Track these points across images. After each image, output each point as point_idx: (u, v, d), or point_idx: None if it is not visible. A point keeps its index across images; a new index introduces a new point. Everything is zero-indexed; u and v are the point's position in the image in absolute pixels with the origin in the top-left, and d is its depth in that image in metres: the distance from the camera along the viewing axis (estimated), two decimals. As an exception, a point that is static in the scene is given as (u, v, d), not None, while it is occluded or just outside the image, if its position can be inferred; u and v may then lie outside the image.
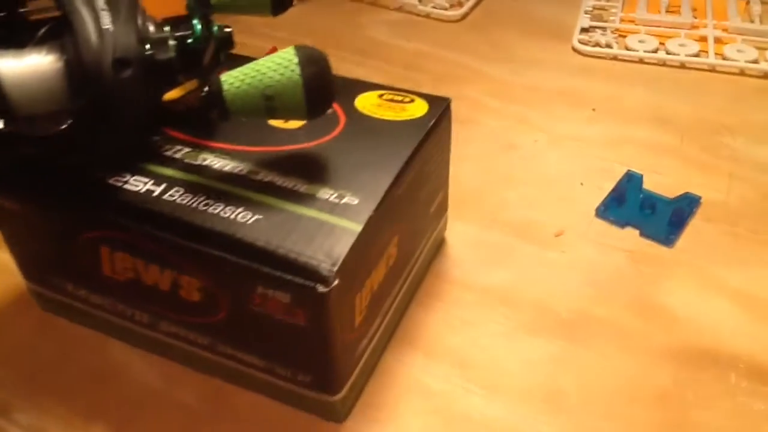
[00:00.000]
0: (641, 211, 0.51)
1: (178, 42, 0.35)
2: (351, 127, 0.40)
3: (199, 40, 0.36)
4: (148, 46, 0.35)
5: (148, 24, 0.36)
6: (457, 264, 0.48)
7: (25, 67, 0.33)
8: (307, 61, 0.33)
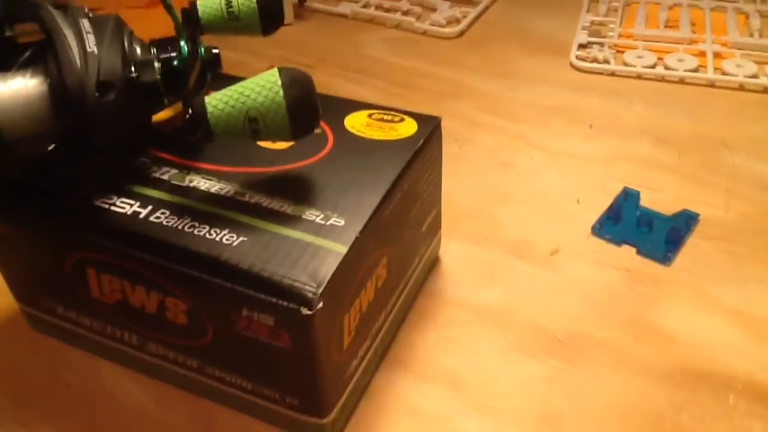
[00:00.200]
0: (638, 229, 0.51)
1: (163, 64, 0.35)
2: (339, 147, 0.39)
3: (185, 62, 0.36)
4: (133, 69, 0.35)
5: (135, 45, 0.36)
6: (450, 283, 0.47)
7: (9, 90, 0.33)
8: (290, 82, 0.33)
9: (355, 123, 0.41)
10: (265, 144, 0.39)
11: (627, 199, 0.53)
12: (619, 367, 0.42)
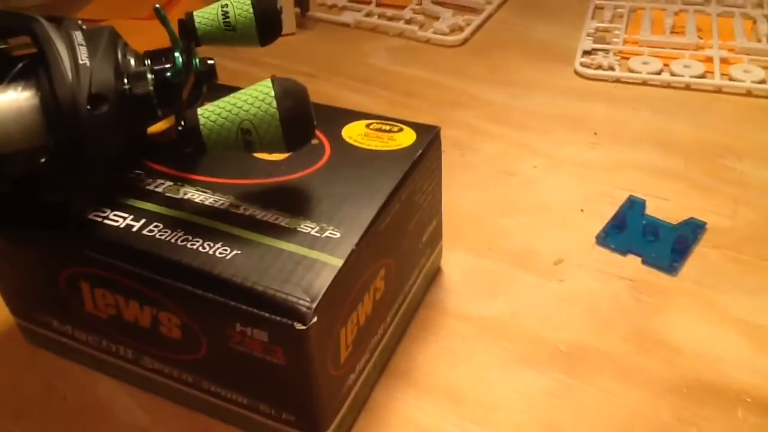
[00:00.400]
0: (643, 238, 0.50)
1: (157, 75, 0.35)
2: (336, 157, 0.39)
3: (179, 74, 0.36)
4: (126, 81, 0.34)
5: (129, 57, 0.36)
6: (452, 294, 0.47)
7: (1, 104, 0.33)
8: (283, 93, 0.32)
9: (353, 133, 0.41)
10: (261, 155, 0.39)
11: (632, 208, 0.52)
12: (623, 380, 0.41)
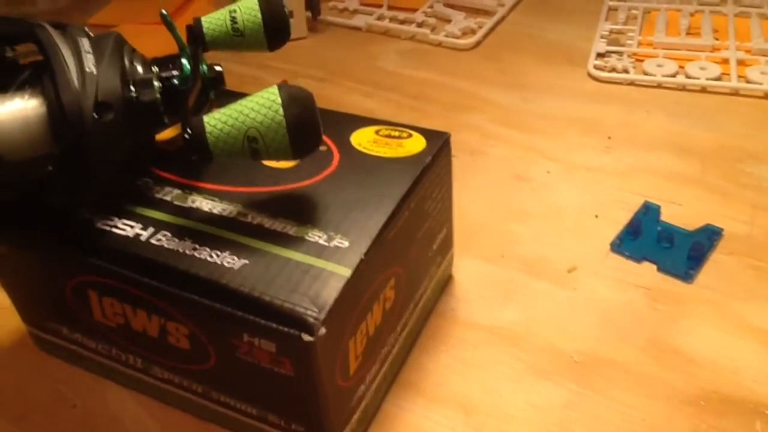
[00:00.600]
0: (659, 245, 0.49)
1: (164, 82, 0.35)
2: (345, 164, 0.38)
3: (186, 81, 0.35)
4: (132, 88, 0.34)
5: (135, 64, 0.36)
6: (463, 302, 0.46)
7: (7, 112, 0.33)
8: (290, 100, 0.32)
9: (362, 140, 0.40)
10: (270, 162, 0.38)
11: (647, 214, 0.51)
12: (639, 392, 0.40)
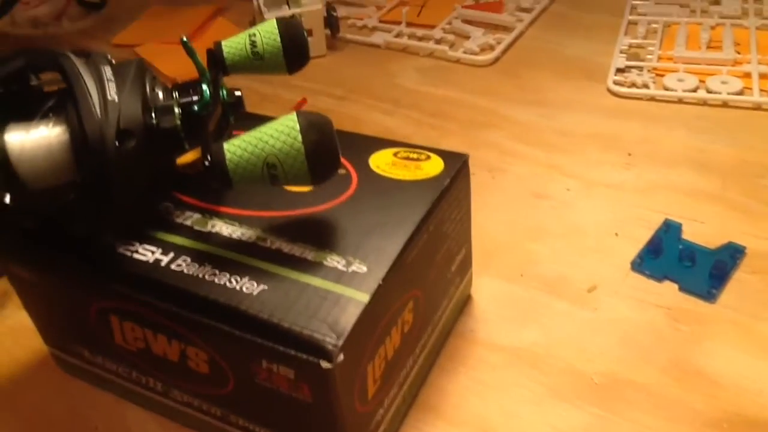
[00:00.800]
0: (680, 264, 0.48)
1: (184, 108, 0.35)
2: (363, 188, 0.39)
3: (206, 107, 0.36)
4: (153, 115, 0.34)
5: (157, 90, 0.36)
6: (482, 323, 0.46)
7: (32, 141, 0.33)
8: (308, 127, 0.32)
9: (380, 162, 0.40)
10: (288, 186, 0.39)
11: (668, 232, 0.51)
12: (660, 414, 0.39)
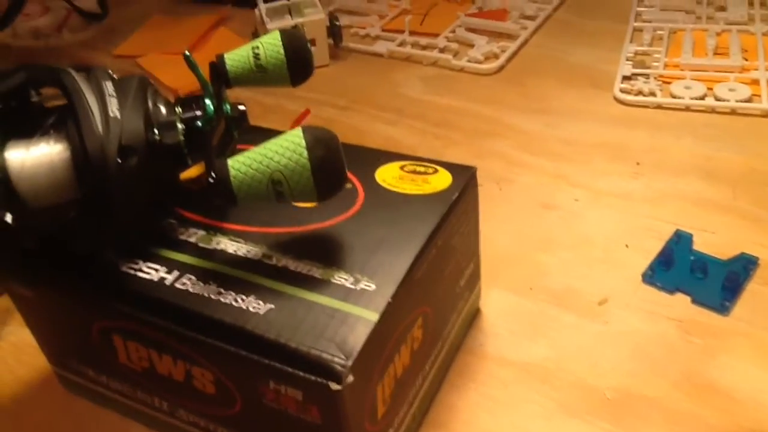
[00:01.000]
0: (692, 275, 0.48)
1: (187, 124, 0.35)
2: (370, 202, 0.38)
3: (210, 122, 0.35)
4: (156, 131, 0.34)
5: (159, 106, 0.36)
6: (491, 337, 0.45)
7: (33, 158, 0.33)
8: (315, 143, 0.31)
9: (387, 176, 0.40)
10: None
11: (679, 243, 0.50)
12: (674, 429, 0.39)
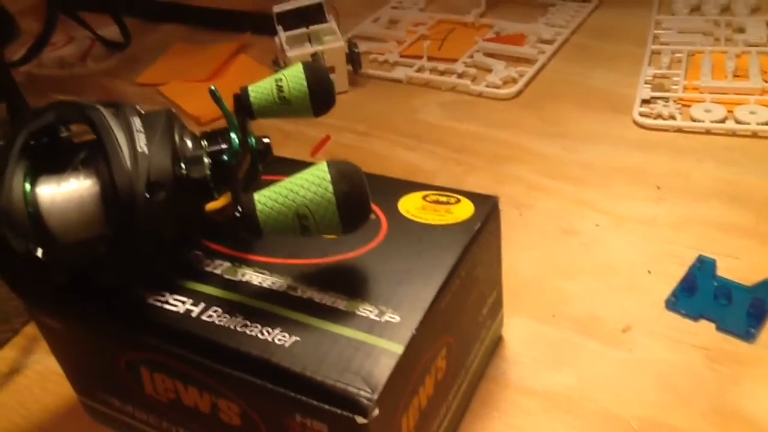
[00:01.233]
0: (716, 302, 0.47)
1: (213, 158, 0.35)
2: (393, 233, 0.38)
3: (235, 155, 0.36)
4: (183, 165, 0.34)
5: (186, 140, 0.36)
6: (514, 366, 0.45)
7: (63, 194, 0.33)
8: (340, 177, 0.32)
9: (410, 206, 0.40)
10: (318, 232, 0.38)
11: (702, 269, 0.50)
12: (703, 462, 0.38)
